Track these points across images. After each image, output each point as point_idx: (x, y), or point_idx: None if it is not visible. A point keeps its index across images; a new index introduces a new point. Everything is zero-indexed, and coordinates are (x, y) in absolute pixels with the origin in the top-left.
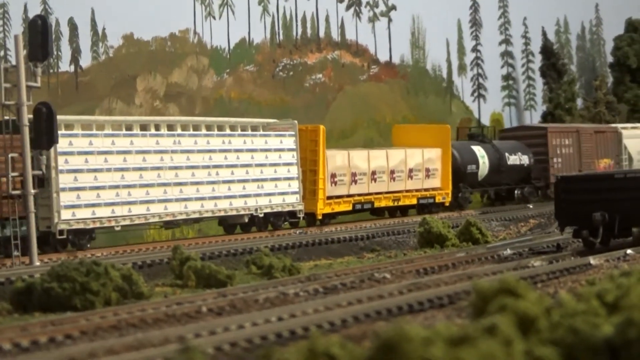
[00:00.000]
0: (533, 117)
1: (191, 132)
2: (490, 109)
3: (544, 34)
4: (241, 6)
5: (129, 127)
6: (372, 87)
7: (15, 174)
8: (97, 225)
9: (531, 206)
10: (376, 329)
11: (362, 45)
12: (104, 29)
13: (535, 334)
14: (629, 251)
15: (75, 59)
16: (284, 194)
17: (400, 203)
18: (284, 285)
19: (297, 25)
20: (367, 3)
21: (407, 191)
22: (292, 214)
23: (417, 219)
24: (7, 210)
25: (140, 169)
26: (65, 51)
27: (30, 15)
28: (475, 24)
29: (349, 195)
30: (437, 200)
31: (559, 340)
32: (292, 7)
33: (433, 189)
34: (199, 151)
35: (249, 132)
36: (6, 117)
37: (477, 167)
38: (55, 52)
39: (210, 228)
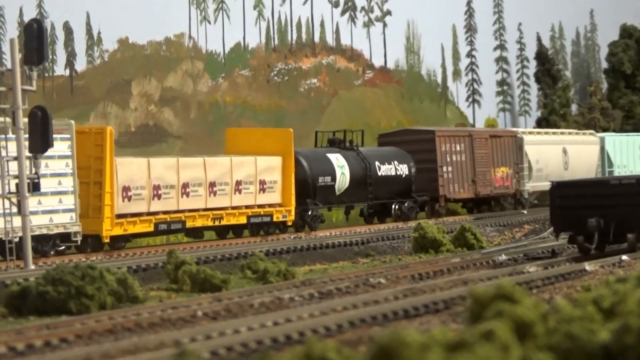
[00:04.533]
0: (528, 123)
1: None
2: (485, 115)
3: (539, 39)
4: (236, 11)
5: None
6: (367, 92)
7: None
8: None
9: (525, 211)
10: (372, 334)
11: (357, 50)
12: (99, 33)
13: (532, 340)
14: (624, 257)
15: (70, 63)
16: (52, 212)
17: (224, 222)
18: (279, 289)
19: (292, 30)
20: (362, 8)
21: (233, 208)
22: (65, 236)
23: (412, 224)
24: None
25: None
26: (61, 55)
27: (26, 18)
28: (470, 29)
29: (149, 213)
30: (275, 219)
31: (555, 346)
32: (287, 11)
33: (270, 206)
34: None
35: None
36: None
37: (333, 179)
38: (50, 56)
39: None
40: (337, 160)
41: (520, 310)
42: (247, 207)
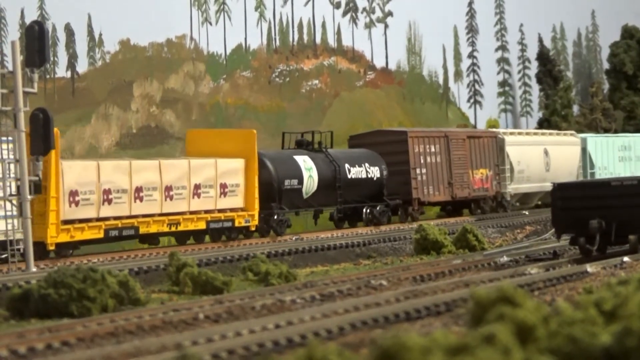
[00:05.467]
0: (529, 124)
1: None
2: (486, 115)
3: (540, 40)
4: (238, 12)
5: None
6: (369, 93)
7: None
8: None
9: (527, 213)
10: (374, 337)
11: (359, 51)
12: (100, 34)
13: (534, 343)
14: (625, 259)
15: (71, 65)
16: None
17: (181, 228)
18: (280, 292)
19: (293, 31)
20: (364, 9)
21: (191, 213)
22: (5, 245)
23: (413, 226)
24: None
25: None
26: (62, 57)
27: (27, 20)
28: (472, 30)
29: (99, 219)
30: (237, 224)
31: (557, 349)
32: (288, 13)
33: (231, 210)
34: None
35: None
36: None
37: (301, 183)
38: (51, 58)
39: None
40: (305, 162)
41: (522, 313)
42: (206, 211)
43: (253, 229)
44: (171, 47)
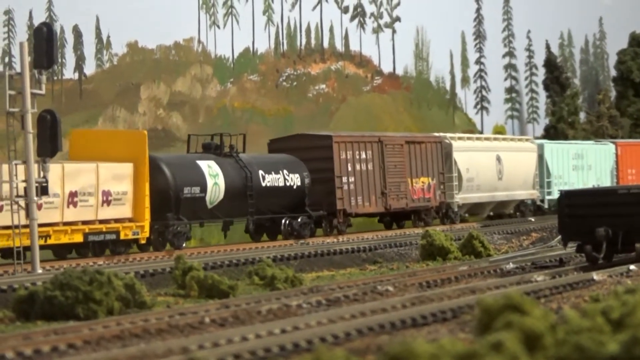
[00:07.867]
0: (536, 130)
1: None
2: (493, 121)
3: (548, 47)
4: (246, 16)
5: None
6: (375, 98)
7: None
8: None
9: (533, 219)
10: (381, 343)
11: (366, 56)
12: (108, 36)
13: (541, 351)
14: (632, 267)
15: (79, 67)
16: None
17: (52, 241)
18: (286, 296)
19: (301, 36)
20: (372, 14)
21: (65, 224)
22: None
23: (419, 231)
24: None
25: None
26: (70, 58)
27: (35, 22)
28: (479, 36)
29: None
30: (122, 237)
31: (564, 357)
32: (296, 17)
33: (117, 221)
34: None
35: None
36: None
37: (204, 191)
38: (59, 60)
39: None
40: (210, 168)
41: (530, 321)
42: (84, 222)
43: (143, 241)
44: (179, 50)
